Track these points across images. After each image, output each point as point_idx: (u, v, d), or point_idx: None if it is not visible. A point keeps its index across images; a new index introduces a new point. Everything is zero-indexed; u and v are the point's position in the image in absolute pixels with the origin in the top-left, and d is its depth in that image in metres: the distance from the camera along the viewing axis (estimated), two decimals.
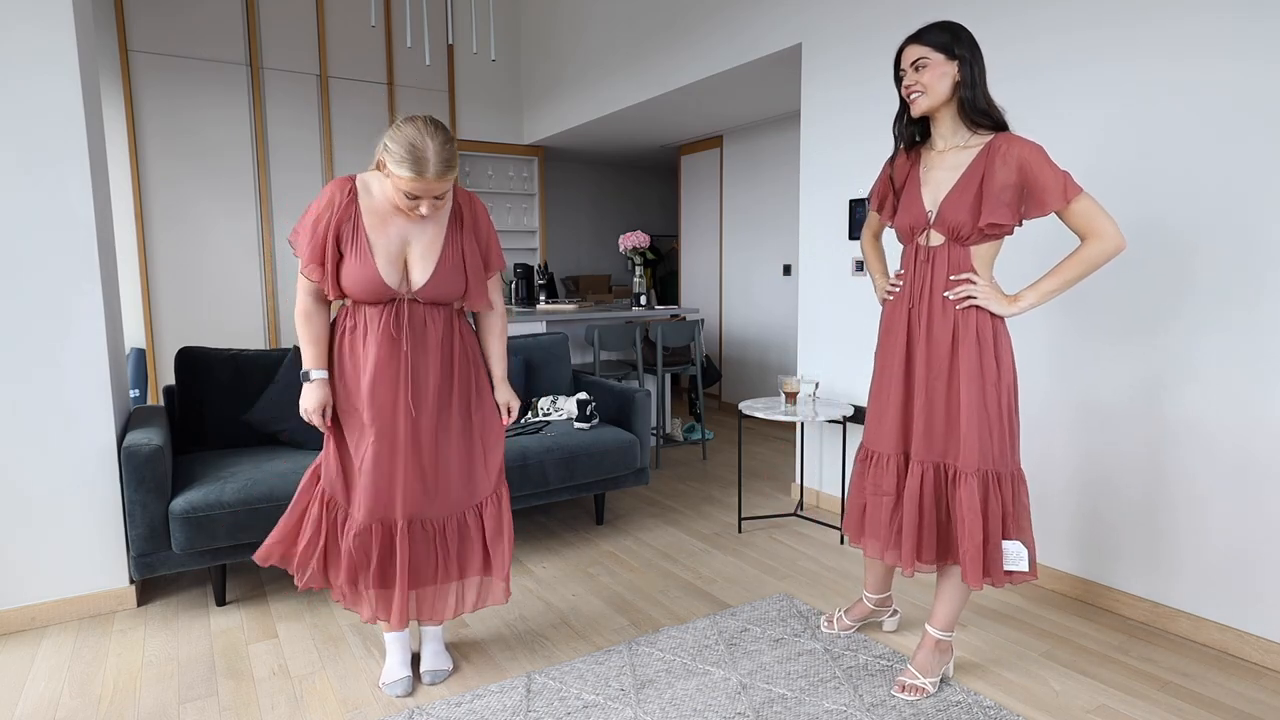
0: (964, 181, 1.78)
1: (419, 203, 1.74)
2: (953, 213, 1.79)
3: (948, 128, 1.84)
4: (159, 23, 4.65)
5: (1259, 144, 2.04)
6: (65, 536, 2.39)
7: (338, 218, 1.79)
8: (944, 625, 1.97)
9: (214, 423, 2.84)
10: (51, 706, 1.94)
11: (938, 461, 1.87)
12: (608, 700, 1.94)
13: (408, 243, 1.82)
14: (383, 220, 1.80)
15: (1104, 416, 2.43)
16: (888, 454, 1.95)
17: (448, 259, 1.84)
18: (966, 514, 1.80)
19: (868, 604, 2.25)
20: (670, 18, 4.27)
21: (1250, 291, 2.09)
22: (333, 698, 1.98)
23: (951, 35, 1.78)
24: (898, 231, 1.94)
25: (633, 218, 8.11)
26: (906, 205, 1.89)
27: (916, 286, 1.88)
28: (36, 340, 2.31)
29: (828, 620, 2.28)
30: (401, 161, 1.67)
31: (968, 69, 1.77)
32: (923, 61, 1.78)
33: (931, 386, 1.86)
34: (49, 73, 2.28)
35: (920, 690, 1.93)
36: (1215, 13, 2.10)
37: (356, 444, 1.87)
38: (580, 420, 3.15)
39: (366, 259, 1.77)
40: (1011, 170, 1.74)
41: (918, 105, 1.81)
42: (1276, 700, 1.95)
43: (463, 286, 1.87)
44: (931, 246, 1.85)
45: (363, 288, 1.79)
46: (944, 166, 1.84)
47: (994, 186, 1.75)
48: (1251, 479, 2.12)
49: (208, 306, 4.93)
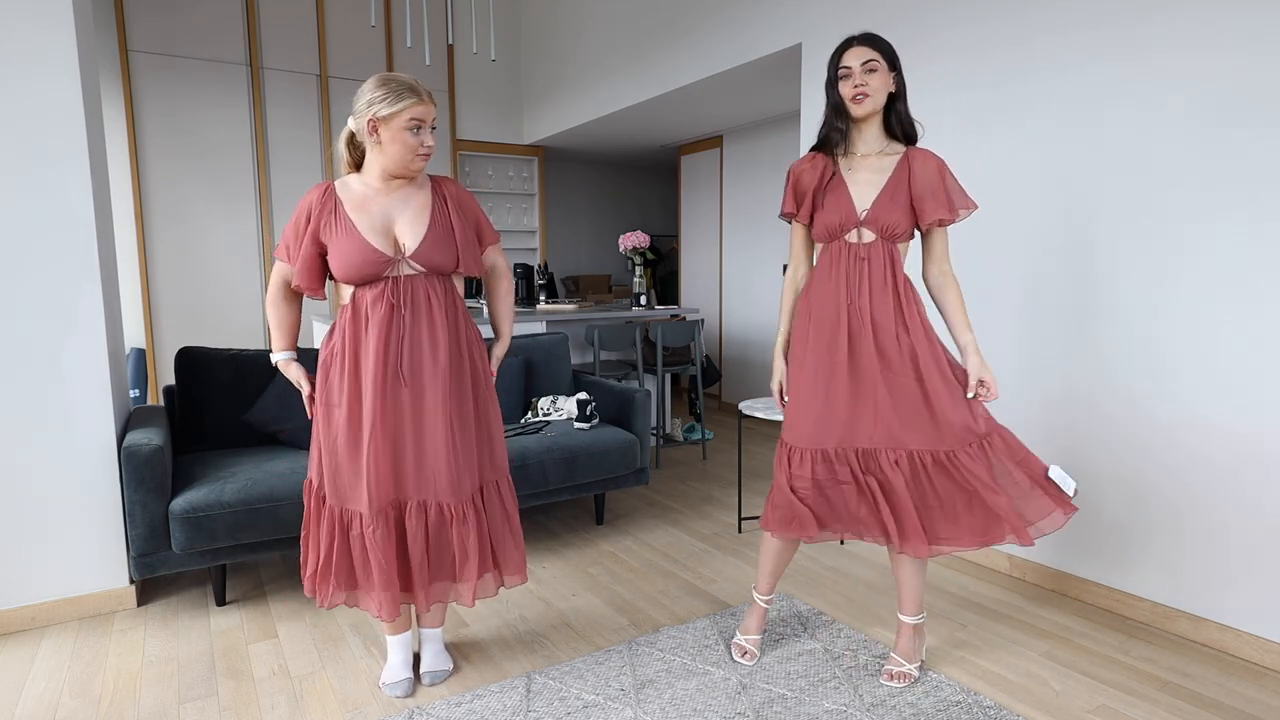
0: (892, 185, 1.89)
1: (423, 133, 1.79)
2: (888, 213, 1.88)
3: (873, 134, 1.93)
4: (159, 23, 4.65)
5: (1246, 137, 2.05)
6: (65, 536, 2.39)
7: (317, 213, 1.81)
8: (916, 610, 2.02)
9: (214, 423, 2.84)
10: (51, 706, 1.94)
11: (917, 449, 1.87)
12: (608, 700, 1.94)
13: (393, 218, 1.83)
14: (363, 204, 1.83)
15: (1086, 410, 2.43)
16: (834, 448, 1.93)
17: (437, 224, 1.85)
18: (981, 487, 1.82)
19: (763, 604, 2.15)
20: (670, 18, 4.27)
21: (1243, 286, 2.09)
22: (333, 698, 1.98)
23: (892, 48, 1.89)
24: (821, 230, 1.96)
25: (633, 218, 8.11)
26: (833, 206, 1.92)
27: (853, 283, 1.91)
28: (36, 340, 2.31)
29: (740, 651, 2.14)
30: (396, 97, 1.74)
31: (900, 81, 1.90)
32: (873, 65, 1.85)
33: (892, 378, 1.88)
34: (49, 73, 2.28)
35: (908, 676, 2.00)
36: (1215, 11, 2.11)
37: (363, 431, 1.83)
38: (580, 420, 3.15)
39: (353, 233, 1.78)
40: (933, 174, 1.88)
41: (863, 107, 1.87)
42: (1276, 700, 1.95)
43: (454, 253, 1.87)
44: (865, 244, 1.91)
45: (355, 260, 1.77)
46: (868, 169, 1.92)
47: (923, 190, 1.87)
48: (1252, 479, 2.12)
49: (208, 306, 4.93)
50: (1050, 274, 2.55)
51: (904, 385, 1.88)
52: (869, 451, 1.91)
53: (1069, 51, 2.45)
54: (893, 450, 1.88)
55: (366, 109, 1.76)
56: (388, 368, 1.81)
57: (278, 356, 1.94)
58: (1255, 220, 2.06)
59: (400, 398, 1.82)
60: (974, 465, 1.84)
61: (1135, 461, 2.37)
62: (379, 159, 1.81)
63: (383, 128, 1.76)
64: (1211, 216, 2.15)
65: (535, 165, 6.34)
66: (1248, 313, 2.10)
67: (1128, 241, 2.34)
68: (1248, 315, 2.10)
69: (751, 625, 2.17)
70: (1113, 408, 2.41)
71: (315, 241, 1.81)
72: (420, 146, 1.79)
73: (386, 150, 1.79)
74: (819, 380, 1.94)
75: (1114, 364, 2.40)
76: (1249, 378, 2.11)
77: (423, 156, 1.81)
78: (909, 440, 1.87)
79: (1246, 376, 2.12)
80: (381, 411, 1.81)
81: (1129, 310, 2.35)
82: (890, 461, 1.88)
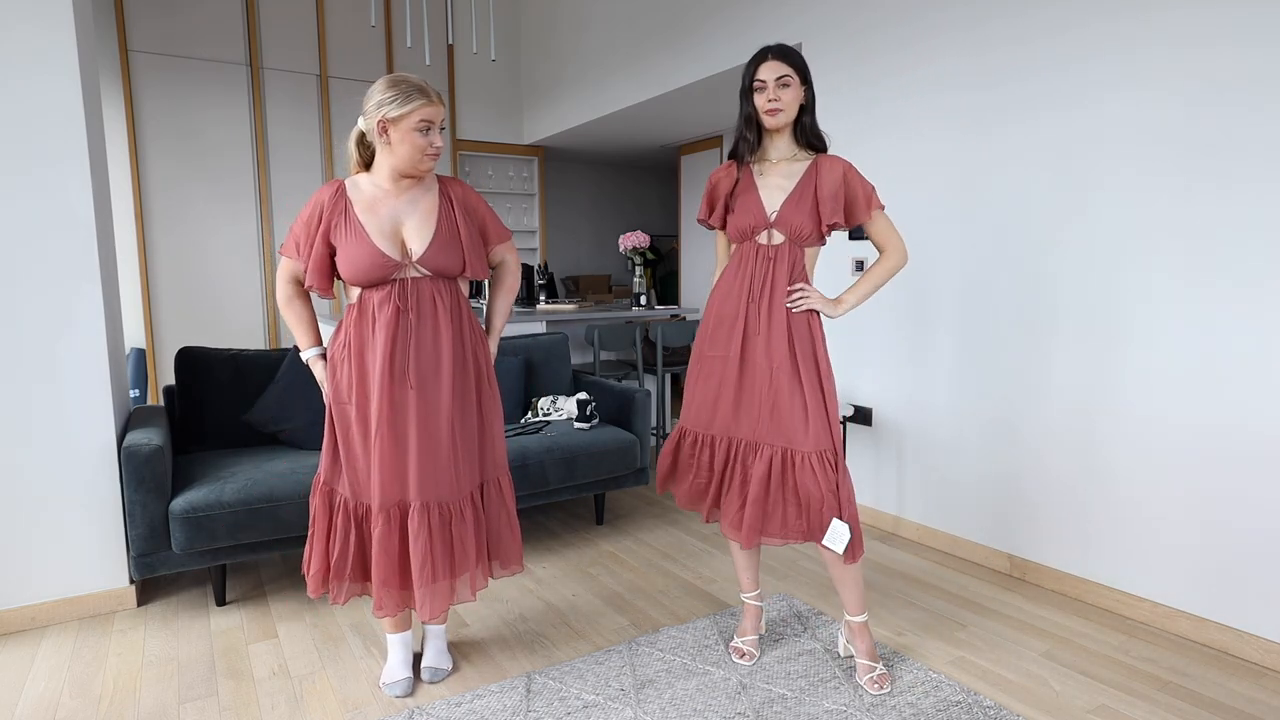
0: (800, 190, 1.95)
1: (432, 134, 1.80)
2: (794, 215, 1.94)
3: (784, 143, 2.00)
4: (159, 23, 4.65)
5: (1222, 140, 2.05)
6: (65, 536, 2.39)
7: (328, 214, 1.82)
8: (860, 608, 2.03)
9: (214, 423, 2.84)
10: (51, 706, 1.94)
11: (784, 446, 1.95)
12: (608, 700, 1.94)
13: (400, 221, 1.84)
14: (373, 205, 1.84)
15: (1090, 409, 2.43)
16: (712, 434, 2.06)
17: (443, 229, 1.87)
18: (824, 490, 1.90)
19: (753, 604, 2.19)
20: (670, 18, 4.27)
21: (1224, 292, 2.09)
22: (333, 698, 1.98)
23: (804, 62, 1.94)
24: (733, 233, 2.04)
25: (633, 218, 8.11)
26: (744, 208, 1.99)
27: (758, 282, 1.99)
28: (36, 340, 2.31)
29: (738, 653, 2.14)
30: (406, 98, 1.75)
31: (810, 94, 1.96)
32: (787, 80, 1.91)
33: (776, 378, 1.96)
34: (49, 73, 2.28)
35: (884, 677, 1.99)
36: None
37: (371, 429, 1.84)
38: (580, 420, 3.15)
39: (361, 237, 1.80)
40: (837, 179, 1.94)
41: (776, 120, 1.94)
42: (1276, 700, 1.95)
43: (461, 257, 1.89)
44: (774, 245, 1.98)
45: (363, 264, 1.79)
46: (779, 174, 1.99)
47: (825, 193, 1.93)
48: (1253, 479, 2.12)
49: (208, 306, 4.93)
50: (1052, 274, 2.55)
51: (784, 385, 1.94)
52: (745, 443, 2.01)
53: (1070, 51, 2.44)
54: (767, 446, 1.97)
55: (376, 110, 1.77)
56: (393, 370, 1.82)
57: (307, 354, 1.96)
58: (1258, 218, 2.07)
59: (405, 400, 1.83)
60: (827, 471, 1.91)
61: (1136, 461, 2.37)
62: (388, 159, 1.82)
63: (392, 128, 1.78)
64: (1213, 216, 2.15)
65: (535, 165, 6.34)
66: (1252, 311, 2.10)
67: (1131, 241, 2.34)
68: (1253, 313, 2.10)
69: (748, 627, 2.18)
70: (1114, 406, 2.41)
71: (326, 241, 1.83)
72: (429, 147, 1.81)
73: (396, 151, 1.80)
74: (713, 372, 2.05)
75: (1117, 362, 2.40)
76: (1251, 378, 2.11)
77: (431, 157, 1.83)
78: (778, 438, 1.95)
79: (1249, 377, 2.12)
80: (388, 413, 1.82)
81: (1131, 309, 2.35)
82: (758, 456, 1.97)
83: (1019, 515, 2.71)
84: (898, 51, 2.97)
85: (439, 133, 1.82)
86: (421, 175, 1.87)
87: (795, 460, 1.93)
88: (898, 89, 3.00)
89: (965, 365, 2.85)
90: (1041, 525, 2.64)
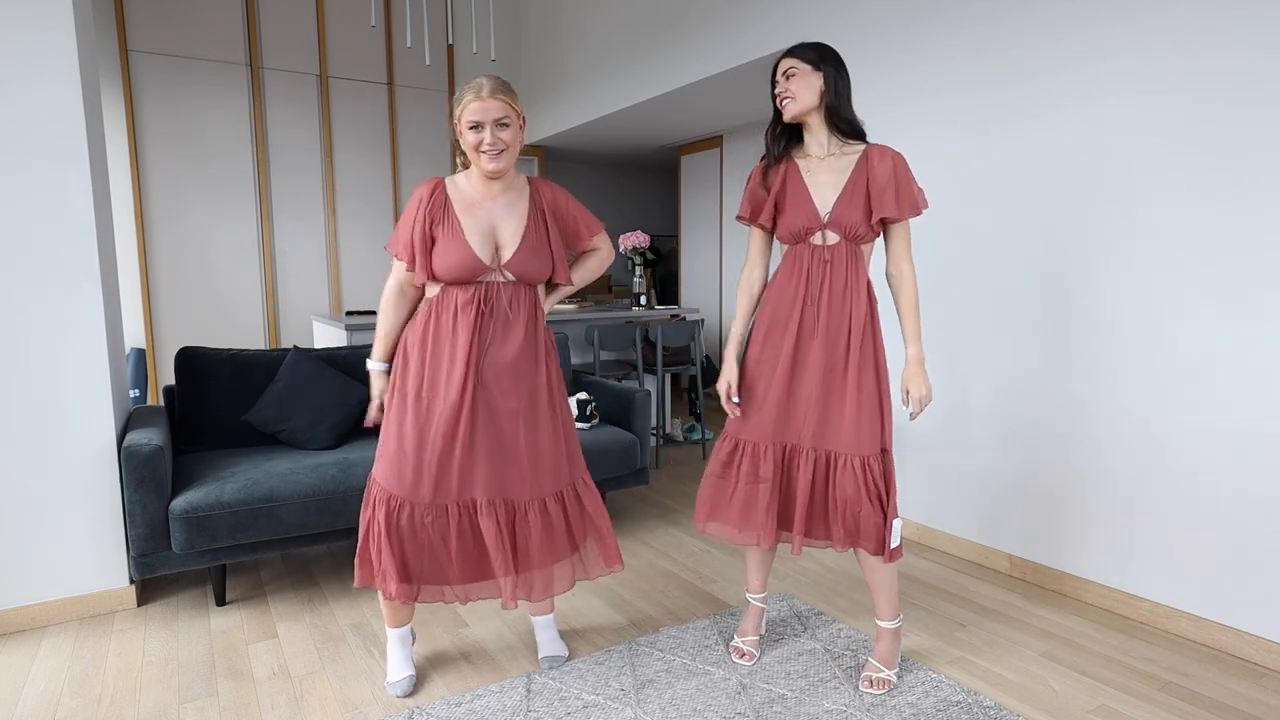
0: (851, 185, 1.91)
1: (484, 131, 1.81)
2: (848, 214, 1.90)
3: (823, 135, 1.95)
4: (159, 23, 4.65)
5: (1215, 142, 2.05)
6: (65, 536, 2.39)
7: (430, 209, 1.87)
8: (892, 615, 2.02)
9: (214, 423, 2.84)
10: (51, 706, 1.94)
11: (828, 449, 1.93)
12: (608, 700, 1.94)
13: (495, 226, 1.90)
14: (470, 207, 1.89)
15: (1089, 408, 2.43)
16: (765, 444, 2.00)
17: (531, 234, 1.92)
18: (872, 493, 1.89)
19: (758, 604, 2.18)
20: (670, 18, 4.27)
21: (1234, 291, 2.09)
22: (333, 698, 1.98)
23: (818, 52, 1.92)
24: (785, 234, 1.99)
25: (633, 218, 8.11)
26: (795, 209, 1.95)
27: (814, 284, 1.94)
28: (36, 340, 2.31)
29: (738, 653, 2.13)
30: (461, 97, 1.83)
31: (832, 80, 1.91)
32: (792, 70, 1.91)
33: (828, 380, 1.93)
34: (49, 73, 2.28)
35: (888, 683, 1.98)
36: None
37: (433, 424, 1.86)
38: (580, 420, 3.15)
39: (459, 237, 1.85)
40: (888, 170, 1.89)
41: (788, 110, 1.93)
42: (1276, 700, 1.95)
43: (549, 262, 1.95)
44: (828, 245, 1.94)
45: (456, 263, 1.83)
46: (827, 171, 1.94)
47: (877, 187, 1.89)
48: (1254, 479, 2.12)
49: (208, 306, 4.93)
50: (1056, 274, 2.55)
51: (837, 386, 1.92)
52: (792, 447, 1.98)
53: (1070, 50, 2.44)
54: (813, 449, 1.95)
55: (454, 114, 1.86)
56: (470, 369, 1.85)
57: (376, 366, 1.98)
58: (1257, 217, 2.07)
59: (480, 399, 1.87)
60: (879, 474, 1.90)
61: (1136, 461, 2.37)
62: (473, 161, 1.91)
63: (459, 130, 1.86)
64: (1213, 215, 2.15)
65: (535, 165, 6.34)
66: (1250, 312, 2.10)
67: (1129, 241, 2.34)
68: (1251, 315, 2.10)
69: (749, 627, 2.17)
70: (1113, 406, 2.41)
71: (426, 236, 1.86)
72: (481, 144, 1.83)
73: (466, 151, 1.89)
74: (764, 378, 2.01)
75: (1117, 363, 2.40)
76: (1254, 378, 2.11)
77: (488, 155, 1.84)
78: (825, 441, 1.93)
79: (1252, 377, 2.11)
80: (459, 409, 1.85)
81: (1135, 308, 2.35)
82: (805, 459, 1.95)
83: (1019, 515, 2.71)
84: (898, 51, 2.97)
85: (494, 128, 1.82)
86: (494, 175, 1.89)
87: (839, 464, 1.91)
88: (898, 89, 3.00)
89: (963, 365, 2.85)
90: (1041, 525, 2.64)
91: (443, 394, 1.86)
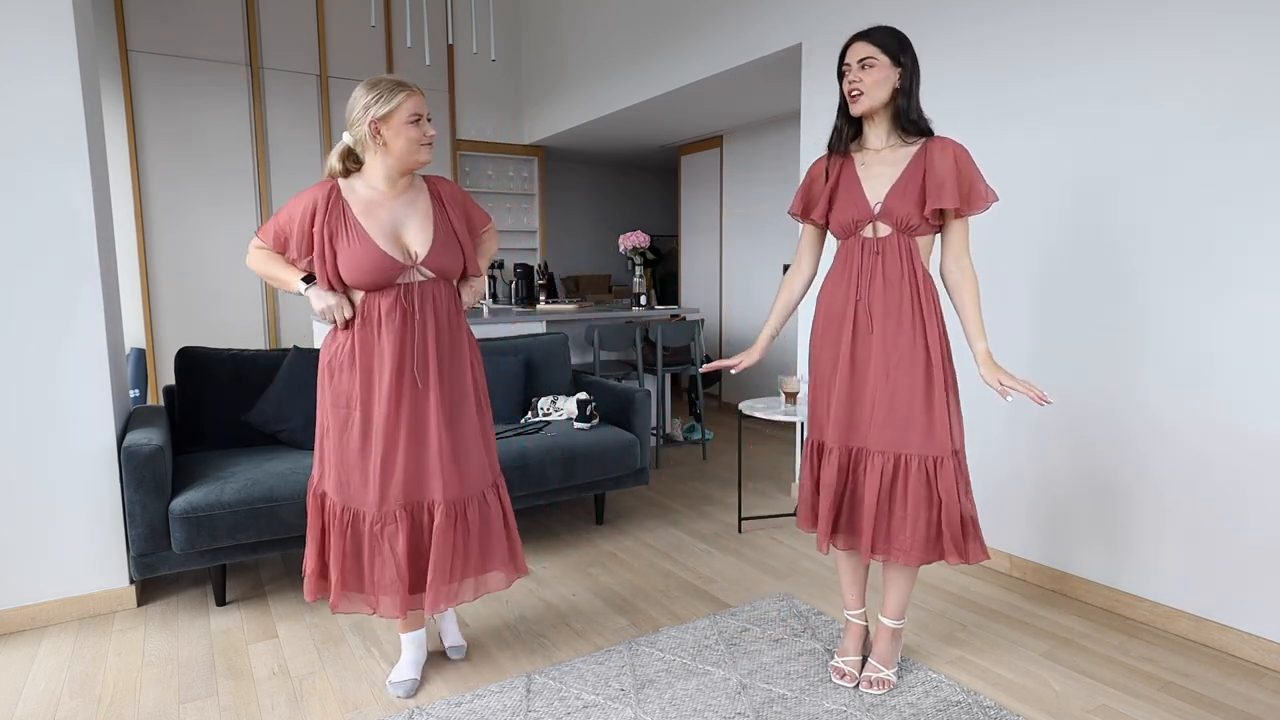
0: (907, 176, 1.82)
1: (423, 121, 1.82)
2: (900, 205, 1.81)
3: (883, 129, 1.87)
4: (159, 23, 4.65)
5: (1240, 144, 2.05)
6: (65, 536, 2.39)
7: (324, 216, 1.80)
8: (898, 614, 1.99)
9: (214, 423, 2.84)
10: (51, 706, 1.94)
11: (897, 451, 1.85)
12: (608, 700, 1.94)
13: (401, 224, 1.85)
14: (370, 209, 1.84)
15: (1092, 409, 2.43)
16: (833, 447, 1.94)
17: (442, 229, 1.89)
18: (944, 496, 1.81)
19: (857, 622, 2.09)
20: (670, 18, 4.27)
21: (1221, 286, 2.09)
22: (333, 698, 1.98)
23: (899, 42, 1.80)
24: (836, 228, 1.93)
25: (633, 218, 8.11)
26: (846, 201, 1.88)
27: (865, 277, 1.87)
28: (36, 340, 2.31)
29: (838, 673, 2.02)
30: (390, 94, 1.78)
31: (908, 78, 1.81)
32: (870, 61, 1.79)
33: (893, 376, 1.84)
34: (49, 73, 2.28)
35: (887, 683, 1.96)
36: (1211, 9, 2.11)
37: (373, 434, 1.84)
38: (580, 420, 3.15)
39: (365, 239, 1.79)
40: (949, 162, 1.79)
41: (858, 105, 1.82)
42: (1276, 700, 1.95)
43: (460, 255, 1.91)
44: (880, 238, 1.86)
45: (371, 267, 1.78)
46: (883, 163, 1.86)
47: (936, 179, 1.79)
48: (1255, 480, 2.12)
49: (208, 306, 4.93)
50: (1059, 274, 2.55)
51: (902, 385, 1.84)
52: (858, 450, 1.91)
53: (1073, 50, 2.44)
54: (880, 453, 1.86)
55: (364, 113, 1.78)
56: (403, 372, 1.83)
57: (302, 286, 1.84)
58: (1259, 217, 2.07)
59: (412, 402, 1.85)
60: (949, 476, 1.82)
61: (1137, 461, 2.37)
62: (384, 161, 1.82)
63: (384, 127, 1.79)
64: (1221, 215, 2.15)
65: (535, 165, 6.34)
66: (1257, 312, 2.10)
67: (1127, 241, 2.34)
68: (1258, 315, 2.10)
69: (850, 646, 2.07)
70: (1111, 408, 2.41)
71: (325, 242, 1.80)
72: (423, 137, 1.82)
73: (392, 148, 1.80)
74: (826, 375, 1.96)
75: (1121, 363, 2.40)
76: (1254, 378, 2.11)
77: (427, 146, 1.84)
78: (896, 443, 1.84)
79: (1251, 377, 2.11)
80: (397, 415, 1.83)
81: (1137, 309, 2.35)
82: (872, 463, 1.87)
83: (1018, 516, 2.71)
84: None
85: (428, 121, 1.85)
86: (421, 166, 1.87)
87: (911, 466, 1.83)
88: None
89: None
90: (1041, 525, 2.64)
91: (377, 402, 1.83)
